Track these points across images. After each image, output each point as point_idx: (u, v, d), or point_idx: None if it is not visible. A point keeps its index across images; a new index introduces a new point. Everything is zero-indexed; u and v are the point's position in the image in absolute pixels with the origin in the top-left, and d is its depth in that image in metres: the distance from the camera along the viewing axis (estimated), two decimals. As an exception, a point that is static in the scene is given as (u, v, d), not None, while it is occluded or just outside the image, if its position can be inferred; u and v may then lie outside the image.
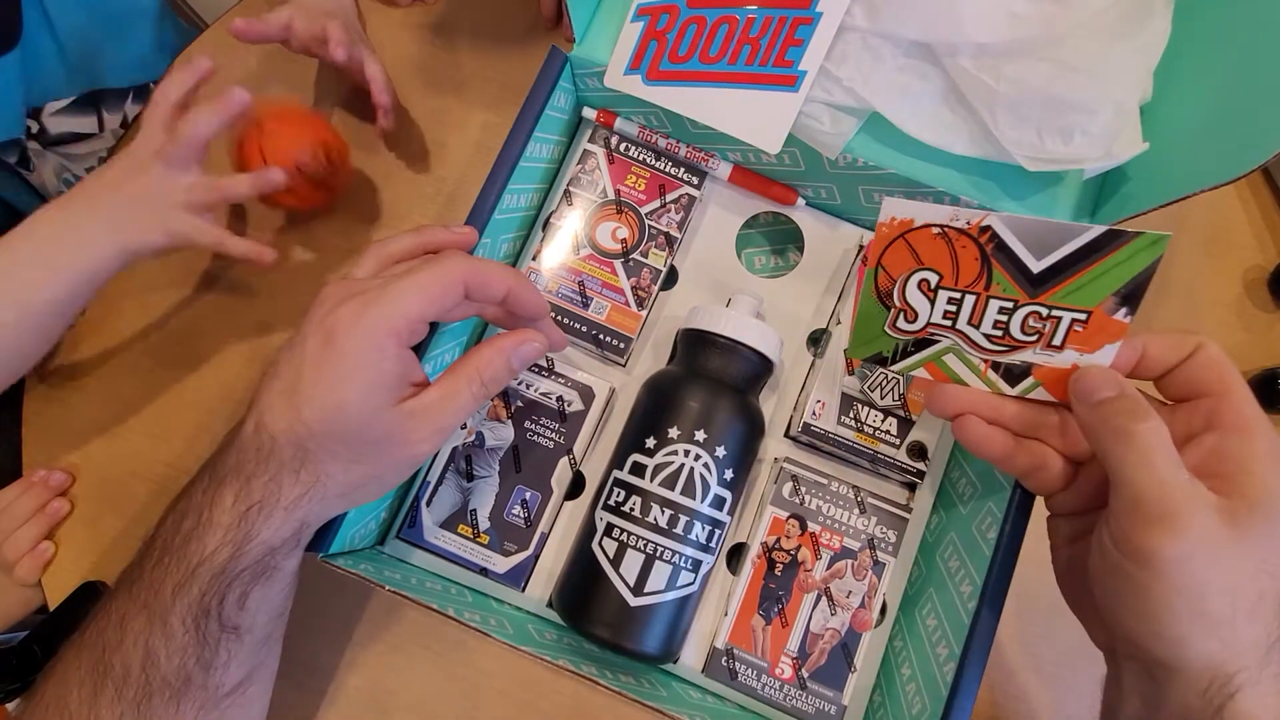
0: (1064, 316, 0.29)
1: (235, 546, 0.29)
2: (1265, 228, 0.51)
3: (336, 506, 0.32)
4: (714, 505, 0.39)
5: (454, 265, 0.30)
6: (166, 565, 0.29)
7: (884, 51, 0.40)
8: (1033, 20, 0.37)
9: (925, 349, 0.33)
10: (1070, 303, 0.29)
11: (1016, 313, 0.30)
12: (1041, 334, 0.30)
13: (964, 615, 0.35)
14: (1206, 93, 0.37)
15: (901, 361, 0.34)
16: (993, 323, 0.31)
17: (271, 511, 0.29)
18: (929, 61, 0.40)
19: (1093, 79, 0.37)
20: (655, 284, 0.46)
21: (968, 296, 0.31)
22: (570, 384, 0.45)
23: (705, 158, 0.47)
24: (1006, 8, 0.38)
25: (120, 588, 0.31)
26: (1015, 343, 0.31)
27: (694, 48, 0.41)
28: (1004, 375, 0.32)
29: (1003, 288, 0.30)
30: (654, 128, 0.47)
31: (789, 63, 0.40)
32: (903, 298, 0.32)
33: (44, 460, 0.49)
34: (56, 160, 0.56)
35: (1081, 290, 0.29)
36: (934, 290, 0.31)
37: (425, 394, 0.31)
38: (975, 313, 0.31)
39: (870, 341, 0.34)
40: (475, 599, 0.41)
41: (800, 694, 0.40)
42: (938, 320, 0.32)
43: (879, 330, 0.34)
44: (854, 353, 0.35)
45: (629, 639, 0.37)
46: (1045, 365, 0.31)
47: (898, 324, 0.33)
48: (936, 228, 0.30)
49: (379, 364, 0.29)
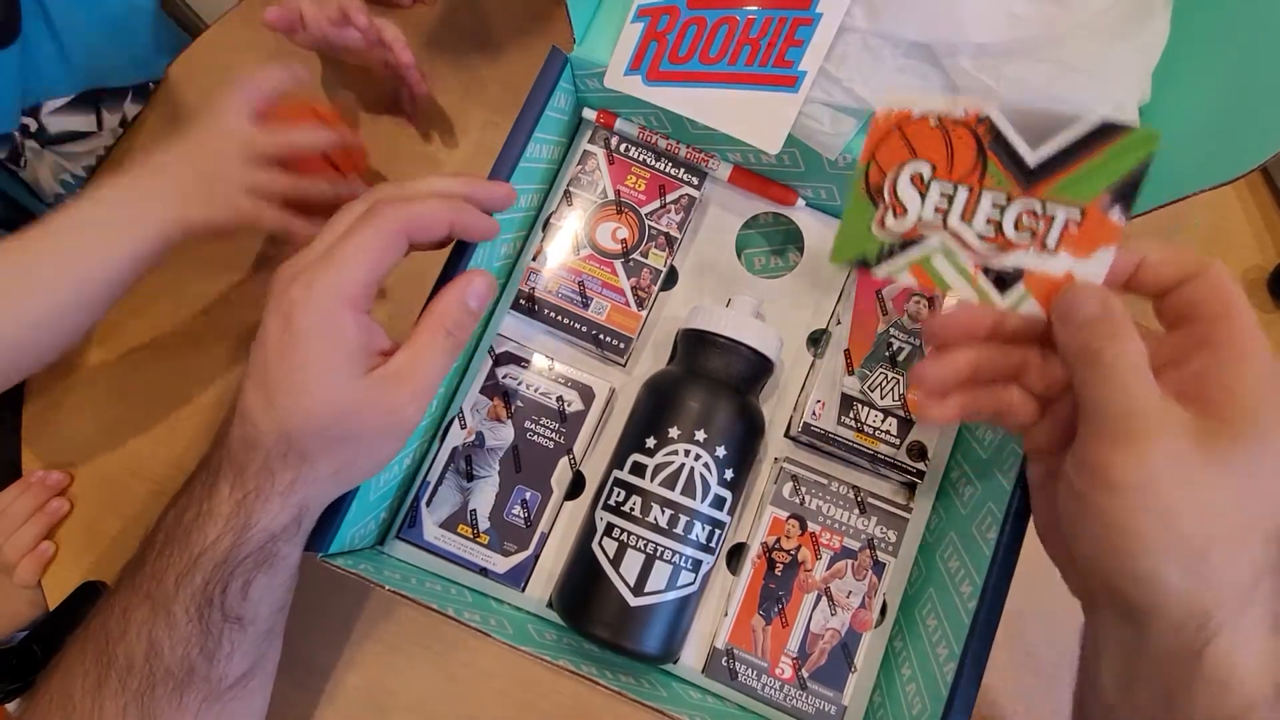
0: (1058, 215, 0.29)
1: (236, 534, 0.29)
2: (1265, 228, 0.51)
3: (331, 487, 0.31)
4: (714, 505, 0.39)
5: (391, 217, 0.29)
6: (169, 556, 0.29)
7: (884, 52, 0.40)
8: (1032, 21, 0.38)
9: (912, 249, 0.31)
10: (1065, 198, 0.29)
11: (1010, 208, 0.29)
12: (1035, 234, 0.29)
13: (964, 615, 0.35)
14: (1206, 92, 0.37)
15: (886, 263, 0.32)
16: (985, 219, 0.30)
17: (268, 498, 0.29)
18: (929, 62, 0.40)
19: (1092, 79, 0.37)
20: (655, 284, 0.46)
21: (960, 189, 0.30)
22: (570, 384, 0.45)
23: (705, 158, 0.47)
24: (1006, 8, 0.38)
25: (123, 581, 0.31)
26: (1008, 243, 0.30)
27: (694, 48, 0.42)
28: (994, 281, 0.30)
29: (997, 180, 0.29)
30: (654, 128, 0.47)
31: (789, 63, 0.40)
32: (893, 193, 0.31)
33: (44, 460, 0.49)
34: (54, 159, 0.56)
35: (1076, 185, 0.28)
36: (926, 184, 0.31)
37: (395, 359, 0.30)
38: (968, 208, 0.30)
39: (855, 242, 0.32)
40: (475, 599, 0.41)
41: (800, 694, 0.40)
42: (928, 216, 0.31)
43: (864, 230, 0.32)
44: (838, 256, 0.33)
45: (629, 639, 0.37)
46: (1037, 271, 0.29)
47: (886, 222, 0.31)
48: (934, 118, 0.30)
49: (339, 336, 0.28)
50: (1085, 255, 0.28)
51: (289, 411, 0.28)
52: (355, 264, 0.28)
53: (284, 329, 0.28)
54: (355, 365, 0.29)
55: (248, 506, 0.29)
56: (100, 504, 0.48)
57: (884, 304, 0.44)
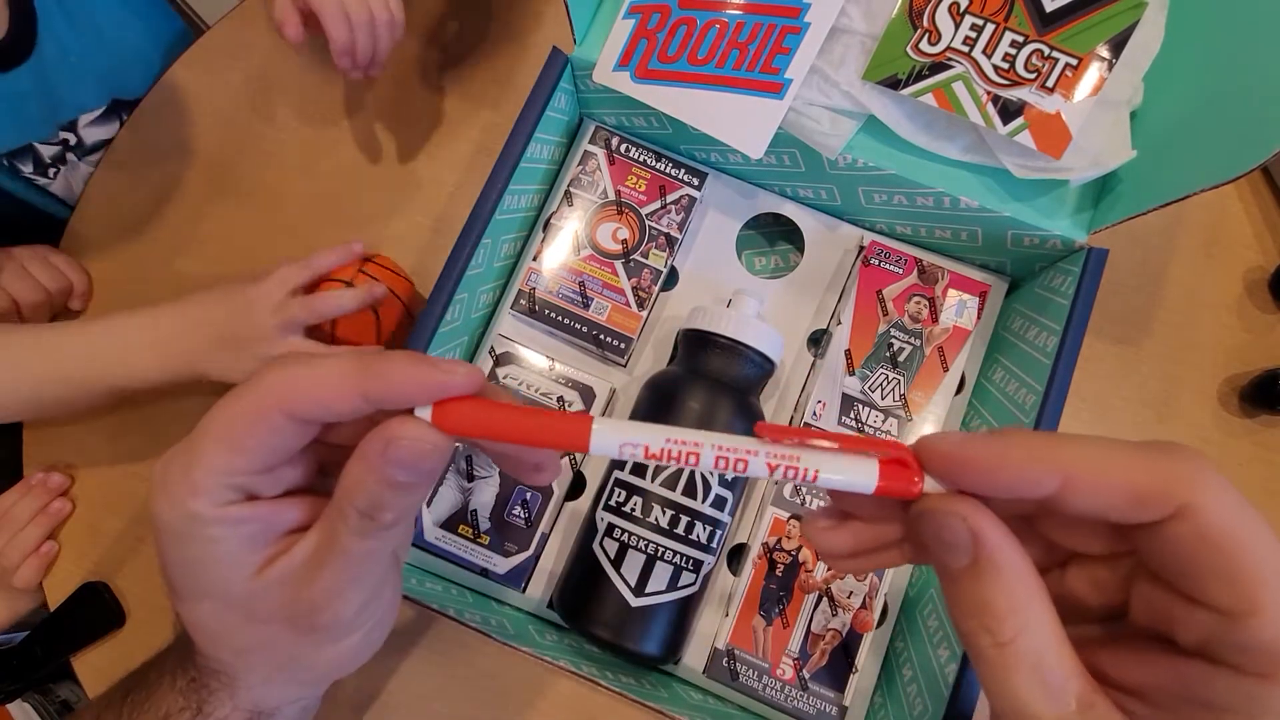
0: (1060, 60, 0.36)
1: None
2: (1265, 228, 0.51)
3: (284, 689, 0.26)
4: (715, 506, 0.39)
5: (262, 390, 0.21)
6: None
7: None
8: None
9: (939, 74, 0.38)
10: (1068, 46, 0.36)
11: (1024, 48, 0.36)
12: (1040, 73, 0.36)
13: (965, 615, 0.35)
14: (1205, 92, 0.37)
15: (914, 84, 0.38)
16: (1003, 55, 0.37)
17: (215, 702, 0.25)
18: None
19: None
20: (656, 284, 0.46)
21: (988, 24, 0.37)
22: (571, 384, 0.45)
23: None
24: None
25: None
26: (1017, 78, 0.37)
27: (683, 49, 0.42)
28: (1000, 110, 0.37)
29: (1018, 21, 0.37)
30: (653, 128, 0.47)
31: (775, 69, 0.40)
32: (932, 19, 0.38)
33: (44, 461, 0.49)
34: (86, 170, 0.57)
35: (1078, 36, 0.36)
36: (961, 15, 0.37)
37: (298, 547, 0.22)
38: (991, 41, 0.37)
39: (890, 63, 0.38)
40: (475, 599, 0.41)
41: (801, 695, 0.40)
42: (957, 45, 0.37)
43: (900, 52, 0.38)
44: (870, 75, 0.39)
45: (630, 639, 0.37)
46: (1036, 107, 0.36)
47: (920, 45, 0.38)
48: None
49: (201, 535, 0.22)
50: (1069, 99, 0.36)
51: (186, 619, 0.24)
52: (210, 455, 0.21)
53: (156, 527, 0.22)
54: (235, 568, 0.22)
55: (198, 703, 0.25)
56: (101, 504, 0.48)
57: (885, 304, 0.44)
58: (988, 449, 0.17)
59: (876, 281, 0.45)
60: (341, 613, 0.23)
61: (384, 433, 0.20)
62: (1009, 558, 0.17)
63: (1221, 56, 0.37)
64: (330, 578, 0.22)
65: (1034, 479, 0.17)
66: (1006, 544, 0.17)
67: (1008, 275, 0.46)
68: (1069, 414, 0.37)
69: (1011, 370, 0.41)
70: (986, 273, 0.46)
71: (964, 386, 0.45)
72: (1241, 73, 0.36)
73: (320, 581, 0.22)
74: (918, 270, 0.45)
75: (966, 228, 0.43)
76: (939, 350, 0.44)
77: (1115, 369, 0.48)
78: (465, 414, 0.20)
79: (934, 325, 0.44)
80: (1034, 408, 0.37)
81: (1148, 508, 0.16)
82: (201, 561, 0.22)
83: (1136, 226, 0.38)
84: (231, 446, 0.21)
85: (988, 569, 0.17)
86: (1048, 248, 0.41)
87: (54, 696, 0.59)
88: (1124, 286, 0.49)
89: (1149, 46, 0.38)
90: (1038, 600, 0.17)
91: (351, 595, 0.23)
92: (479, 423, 0.20)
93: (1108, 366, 0.48)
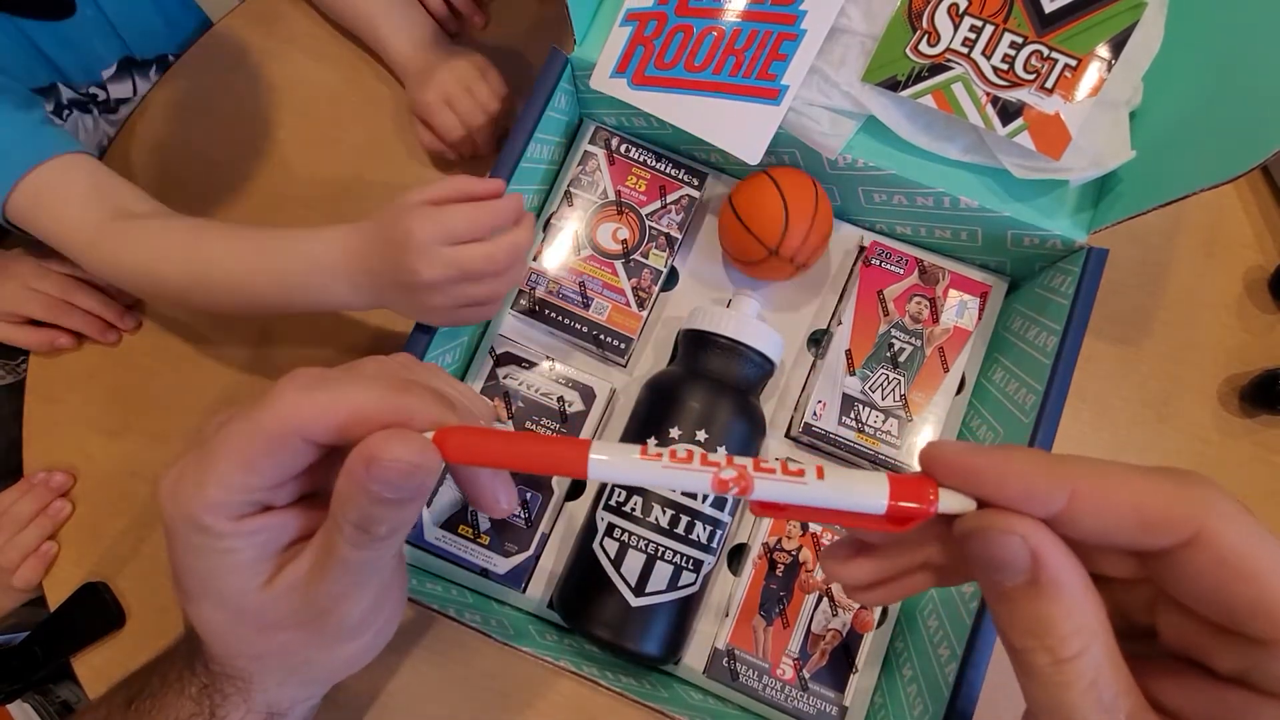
0: (1059, 60, 0.36)
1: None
2: (1265, 228, 0.51)
3: (294, 690, 0.27)
4: (715, 505, 0.39)
5: (286, 416, 0.21)
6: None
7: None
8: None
9: (938, 75, 0.38)
10: (1067, 47, 0.36)
11: (1024, 49, 0.36)
12: (1039, 74, 0.36)
13: (965, 616, 0.35)
14: (1205, 92, 0.37)
15: (913, 86, 0.38)
16: (1002, 56, 0.37)
17: (229, 705, 0.26)
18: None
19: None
20: (656, 284, 0.46)
21: (987, 26, 0.37)
22: (571, 384, 0.45)
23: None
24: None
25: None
26: (1016, 79, 0.37)
27: (680, 55, 0.42)
28: (1000, 111, 0.37)
29: (1017, 22, 0.37)
30: (653, 129, 0.47)
31: (772, 76, 0.40)
32: (931, 20, 0.38)
33: (44, 461, 0.49)
34: (105, 128, 0.57)
35: (1077, 37, 0.36)
36: (960, 16, 0.37)
37: (300, 557, 0.23)
38: (990, 42, 0.37)
39: (889, 65, 0.38)
40: (475, 600, 0.41)
41: (801, 695, 0.40)
42: (956, 46, 0.37)
43: (899, 53, 0.38)
44: (870, 77, 0.39)
45: (630, 639, 0.37)
46: (1035, 108, 0.36)
47: (919, 47, 0.38)
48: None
49: (215, 547, 0.22)
50: (1069, 100, 0.36)
51: (199, 625, 0.24)
52: (223, 469, 0.22)
53: (168, 535, 0.23)
54: (248, 578, 0.23)
55: (211, 708, 0.26)
56: (101, 504, 0.48)
57: (885, 305, 0.44)
58: (995, 457, 0.17)
59: (877, 282, 0.45)
60: (349, 615, 0.24)
61: (365, 451, 0.20)
62: (1071, 577, 0.17)
63: (1221, 56, 0.37)
64: (333, 585, 0.23)
65: (1042, 490, 0.17)
66: (1069, 563, 0.17)
67: (1008, 275, 0.46)
68: (1069, 414, 0.37)
69: (1012, 370, 0.41)
70: (986, 273, 0.46)
71: (964, 387, 0.45)
72: (1240, 73, 0.36)
73: (325, 587, 0.23)
74: (918, 270, 0.45)
75: (966, 228, 0.43)
76: (939, 351, 0.44)
77: (1115, 369, 0.48)
78: (464, 441, 0.21)
79: (935, 326, 0.44)
80: (1034, 408, 0.37)
81: (1158, 532, 0.16)
82: (215, 572, 0.23)
83: (1136, 226, 0.38)
84: (247, 466, 0.22)
85: (1049, 588, 0.17)
86: (1048, 248, 0.41)
87: (54, 697, 0.59)
88: (1124, 286, 0.49)
89: (1148, 47, 0.38)
90: (1099, 619, 0.17)
91: (357, 599, 0.24)
92: (478, 450, 0.21)
93: (1108, 366, 0.48)
